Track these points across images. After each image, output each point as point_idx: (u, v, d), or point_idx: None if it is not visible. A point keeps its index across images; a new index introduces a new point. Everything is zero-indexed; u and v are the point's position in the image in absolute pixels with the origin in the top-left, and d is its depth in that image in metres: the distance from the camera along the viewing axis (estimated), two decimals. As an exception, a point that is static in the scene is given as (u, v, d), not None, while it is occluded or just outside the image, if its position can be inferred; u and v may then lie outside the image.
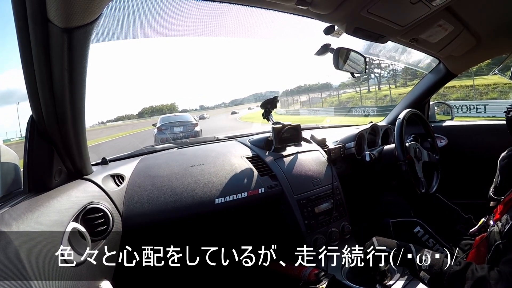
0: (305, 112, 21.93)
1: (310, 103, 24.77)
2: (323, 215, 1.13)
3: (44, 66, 0.57)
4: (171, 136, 7.45)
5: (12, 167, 0.75)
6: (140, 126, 24.05)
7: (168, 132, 7.63)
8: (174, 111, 51.66)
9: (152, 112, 56.54)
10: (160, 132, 7.61)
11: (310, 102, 25.06)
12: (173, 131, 7.64)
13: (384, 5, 0.84)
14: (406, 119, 1.19)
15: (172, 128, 7.76)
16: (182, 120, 8.12)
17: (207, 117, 26.42)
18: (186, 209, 0.94)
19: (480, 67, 11.11)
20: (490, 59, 1.83)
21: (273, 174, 1.12)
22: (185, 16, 0.85)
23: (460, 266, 0.66)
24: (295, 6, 0.80)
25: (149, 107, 60.92)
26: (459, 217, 1.19)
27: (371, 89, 21.42)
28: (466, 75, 11.45)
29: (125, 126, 26.36)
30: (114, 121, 43.93)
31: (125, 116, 55.24)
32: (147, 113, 55.60)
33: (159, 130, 7.71)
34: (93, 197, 0.78)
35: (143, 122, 33.52)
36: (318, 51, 1.08)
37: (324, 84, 29.99)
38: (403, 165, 1.13)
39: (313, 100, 24.81)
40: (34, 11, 0.50)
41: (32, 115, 0.68)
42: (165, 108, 59.95)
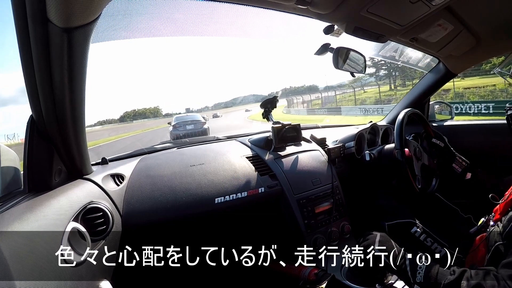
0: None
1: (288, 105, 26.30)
2: (323, 214, 1.13)
3: (44, 66, 0.57)
4: (184, 132, 8.95)
5: (12, 167, 0.75)
6: (121, 131, 22.12)
7: (181, 129, 9.20)
8: (158, 114, 51.75)
9: (134, 116, 55.24)
10: (175, 129, 9.21)
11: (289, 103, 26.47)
12: (186, 128, 9.22)
13: (384, 5, 0.84)
14: (406, 118, 1.19)
15: (185, 126, 9.35)
16: (193, 119, 9.74)
17: (220, 116, 31.32)
18: (186, 209, 0.94)
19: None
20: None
21: (273, 174, 1.13)
22: (185, 16, 0.85)
23: (454, 276, 0.63)
24: (295, 6, 0.80)
25: (131, 111, 59.49)
26: (459, 217, 1.18)
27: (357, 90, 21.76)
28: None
29: (103, 132, 23.61)
30: (92, 126, 40.79)
31: (105, 120, 53.02)
32: (129, 117, 54.15)
33: (174, 127, 9.30)
34: (93, 197, 0.78)
35: (124, 127, 31.62)
36: (318, 50, 1.08)
37: (311, 86, 30.94)
38: (398, 153, 1.11)
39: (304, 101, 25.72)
40: (34, 11, 0.50)
41: (32, 115, 0.68)
42: (148, 111, 59.48)
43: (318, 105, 23.22)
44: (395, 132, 1.16)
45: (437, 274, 0.65)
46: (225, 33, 1.04)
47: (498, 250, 0.75)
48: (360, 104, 18.67)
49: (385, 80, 23.78)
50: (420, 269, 0.68)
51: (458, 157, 1.27)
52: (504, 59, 1.43)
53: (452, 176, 1.27)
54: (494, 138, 1.48)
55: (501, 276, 0.59)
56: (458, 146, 1.37)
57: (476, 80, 13.53)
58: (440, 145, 1.29)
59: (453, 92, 13.38)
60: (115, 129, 27.56)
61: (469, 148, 1.51)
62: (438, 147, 1.30)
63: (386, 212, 1.17)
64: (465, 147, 1.43)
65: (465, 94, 13.07)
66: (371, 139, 1.49)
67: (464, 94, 13.13)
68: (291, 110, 25.03)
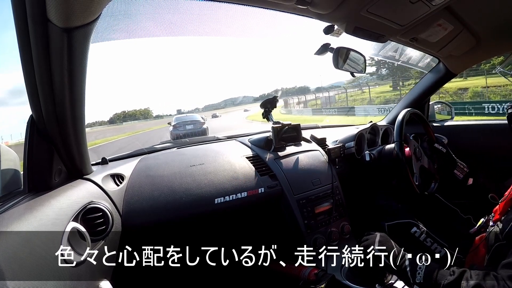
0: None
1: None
2: (323, 215, 1.13)
3: (44, 66, 0.57)
4: (184, 132, 9.26)
5: (12, 167, 0.75)
6: (108, 134, 20.84)
7: (181, 129, 9.53)
8: (148, 116, 51.82)
9: (124, 118, 54.80)
10: (175, 129, 9.53)
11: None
12: (185, 128, 9.55)
13: (384, 5, 0.84)
14: (406, 118, 1.19)
15: (184, 126, 9.68)
16: (193, 120, 10.11)
17: (219, 116, 32.82)
18: (186, 209, 0.94)
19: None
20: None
21: (273, 174, 1.13)
22: (185, 16, 0.85)
23: (454, 276, 0.63)
24: (294, 6, 0.80)
25: (121, 112, 59.27)
26: (459, 217, 1.18)
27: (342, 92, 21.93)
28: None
29: (90, 134, 21.08)
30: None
31: (95, 122, 52.52)
32: (119, 119, 53.70)
33: (174, 127, 9.62)
34: (93, 197, 0.78)
35: (114, 129, 30.93)
36: (318, 50, 1.08)
37: (302, 87, 31.68)
38: (397, 147, 1.11)
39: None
40: (34, 11, 0.50)
41: (32, 115, 0.68)
42: (138, 113, 59.22)
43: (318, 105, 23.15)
44: (395, 129, 1.16)
45: (437, 274, 0.65)
46: (225, 33, 1.04)
47: (498, 250, 0.75)
48: (367, 104, 18.23)
49: (387, 79, 23.76)
50: (420, 269, 0.68)
51: (459, 163, 1.27)
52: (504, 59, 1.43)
53: (453, 182, 1.27)
54: (494, 138, 1.48)
55: (501, 277, 0.59)
56: (458, 146, 1.38)
57: (497, 79, 12.70)
58: (442, 151, 1.29)
59: (472, 91, 12.90)
60: (102, 132, 26.73)
61: (469, 148, 1.51)
62: (440, 153, 1.30)
63: (386, 212, 1.17)
64: (465, 147, 1.43)
65: (484, 93, 12.52)
66: (371, 139, 1.49)
67: (483, 93, 12.57)
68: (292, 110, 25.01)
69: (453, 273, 0.64)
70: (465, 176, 1.25)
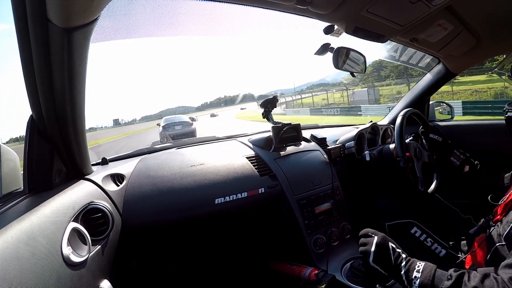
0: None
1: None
2: (323, 215, 1.13)
3: (44, 66, 0.57)
4: (172, 132, 9.67)
5: (12, 167, 0.75)
6: (93, 138, 20.22)
7: (170, 130, 9.91)
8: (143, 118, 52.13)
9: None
10: (164, 130, 9.90)
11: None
12: (174, 129, 9.94)
13: (384, 5, 0.84)
14: (406, 118, 1.19)
15: (173, 126, 10.09)
16: (181, 121, 10.53)
17: (217, 115, 35.58)
18: (186, 209, 0.94)
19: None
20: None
21: (273, 174, 1.12)
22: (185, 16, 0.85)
23: (451, 280, 0.61)
24: (294, 6, 0.80)
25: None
26: (459, 217, 1.18)
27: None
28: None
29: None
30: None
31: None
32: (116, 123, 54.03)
33: (164, 128, 9.99)
34: (93, 197, 0.78)
35: (96, 133, 30.13)
36: (318, 50, 1.08)
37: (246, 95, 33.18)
38: (401, 161, 1.12)
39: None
40: (34, 11, 0.50)
41: (32, 114, 0.68)
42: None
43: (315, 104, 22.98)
44: (395, 140, 1.14)
45: (433, 279, 0.63)
46: (224, 33, 1.04)
47: (498, 251, 0.75)
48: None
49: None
50: (415, 278, 0.65)
51: (456, 150, 1.28)
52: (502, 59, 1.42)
53: (451, 170, 1.27)
54: (494, 138, 1.48)
55: (501, 278, 0.58)
56: (458, 146, 1.37)
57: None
58: (438, 140, 1.30)
59: (494, 91, 12.76)
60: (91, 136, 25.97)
61: (469, 148, 1.51)
62: (436, 142, 1.31)
63: (386, 212, 1.17)
64: (465, 147, 1.42)
65: (506, 92, 12.42)
66: (371, 139, 1.49)
67: (505, 93, 12.47)
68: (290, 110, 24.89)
69: (450, 277, 0.62)
70: (462, 162, 1.26)
